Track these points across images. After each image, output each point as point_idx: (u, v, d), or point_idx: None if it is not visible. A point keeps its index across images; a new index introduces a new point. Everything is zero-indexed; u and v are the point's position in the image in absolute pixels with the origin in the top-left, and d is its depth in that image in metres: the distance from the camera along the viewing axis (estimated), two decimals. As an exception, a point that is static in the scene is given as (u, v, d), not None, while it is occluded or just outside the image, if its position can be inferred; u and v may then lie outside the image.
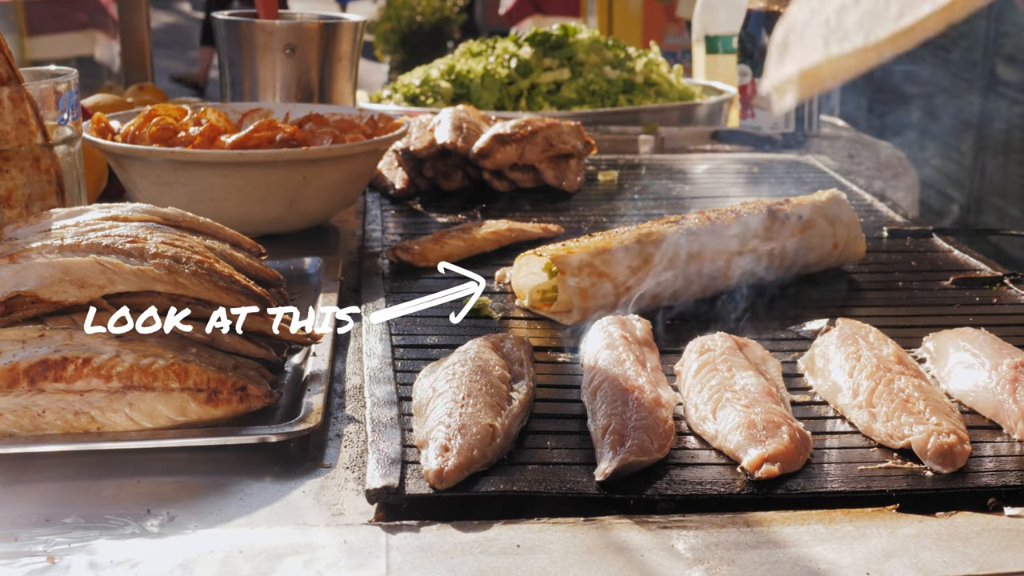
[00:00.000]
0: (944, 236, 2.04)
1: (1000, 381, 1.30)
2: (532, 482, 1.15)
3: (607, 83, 3.20)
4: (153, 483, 1.19)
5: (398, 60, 10.50)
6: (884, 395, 1.28)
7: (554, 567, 1.03)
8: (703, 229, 1.70)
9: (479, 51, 3.32)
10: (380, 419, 1.27)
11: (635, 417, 1.22)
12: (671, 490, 1.14)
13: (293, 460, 1.24)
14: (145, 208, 1.48)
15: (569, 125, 2.48)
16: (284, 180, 1.93)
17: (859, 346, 1.38)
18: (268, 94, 2.47)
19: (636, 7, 7.25)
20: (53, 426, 1.22)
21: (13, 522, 1.10)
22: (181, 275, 1.32)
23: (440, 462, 1.14)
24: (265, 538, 1.08)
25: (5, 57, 1.63)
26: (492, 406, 1.24)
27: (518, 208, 2.25)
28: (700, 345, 1.40)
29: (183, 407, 1.24)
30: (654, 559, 1.04)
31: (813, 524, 1.09)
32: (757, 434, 1.19)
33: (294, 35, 2.45)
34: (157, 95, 2.89)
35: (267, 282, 1.48)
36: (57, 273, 1.28)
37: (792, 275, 1.79)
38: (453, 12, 10.88)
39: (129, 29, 3.60)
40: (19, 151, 1.66)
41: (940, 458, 1.17)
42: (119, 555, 1.04)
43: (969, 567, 1.02)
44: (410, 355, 1.48)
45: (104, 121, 2.01)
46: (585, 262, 1.61)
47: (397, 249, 1.86)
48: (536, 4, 8.81)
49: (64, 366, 1.22)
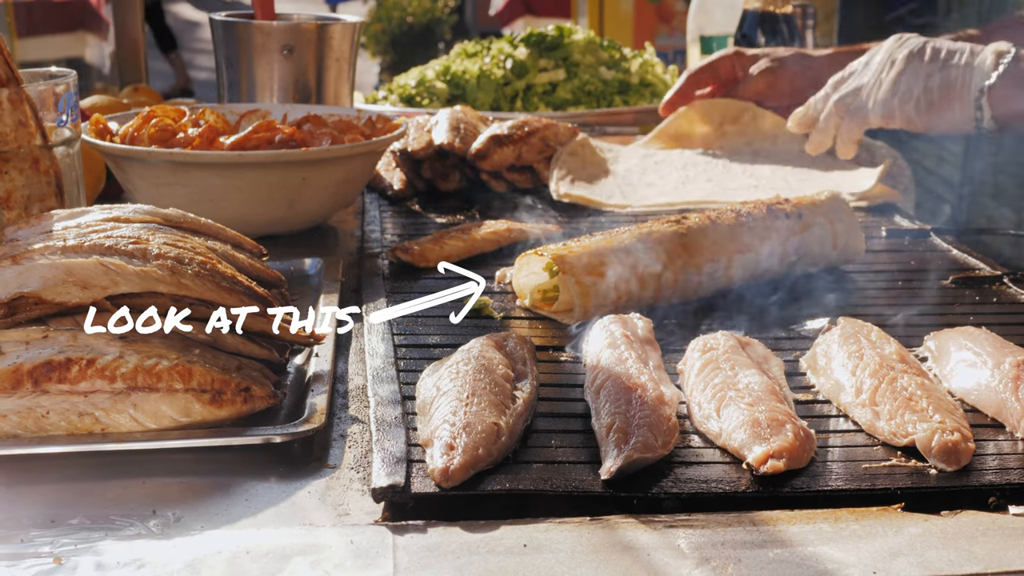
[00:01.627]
0: (942, 236, 2.05)
1: (1002, 379, 1.31)
2: (537, 480, 1.15)
3: (602, 84, 3.20)
4: (158, 484, 1.19)
5: (389, 61, 10.51)
6: (887, 393, 1.28)
7: (561, 566, 1.03)
8: (704, 228, 1.71)
9: (474, 52, 3.32)
10: (384, 418, 1.27)
11: (639, 415, 1.22)
12: (676, 488, 1.14)
13: (297, 460, 1.24)
14: (146, 209, 1.48)
15: (566, 126, 2.48)
16: (283, 181, 1.93)
17: (861, 345, 1.39)
18: (266, 95, 2.47)
19: (627, 8, 7.26)
20: (57, 427, 1.22)
21: (19, 523, 1.10)
22: (184, 276, 1.32)
23: (446, 460, 1.14)
24: (271, 538, 1.08)
25: (4, 59, 1.62)
26: (496, 405, 1.24)
27: (516, 208, 2.25)
28: (703, 344, 1.41)
29: (187, 408, 1.24)
30: (661, 558, 1.04)
31: (819, 523, 1.09)
32: (761, 432, 1.19)
33: (291, 36, 2.45)
34: (152, 96, 2.89)
35: (269, 283, 1.48)
36: (60, 274, 1.27)
37: (792, 274, 1.79)
38: (444, 13, 10.89)
39: (123, 30, 3.60)
40: (18, 152, 1.66)
41: (944, 456, 1.18)
42: (125, 556, 1.04)
43: (975, 566, 1.03)
44: (412, 355, 1.49)
45: (103, 122, 2.01)
46: (586, 262, 1.61)
47: (397, 249, 1.86)
48: (527, 5, 8.82)
49: (68, 367, 1.22)
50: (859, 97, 2.19)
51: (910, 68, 2.12)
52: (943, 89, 2.09)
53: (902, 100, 2.13)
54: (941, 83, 2.09)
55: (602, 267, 1.62)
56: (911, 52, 2.12)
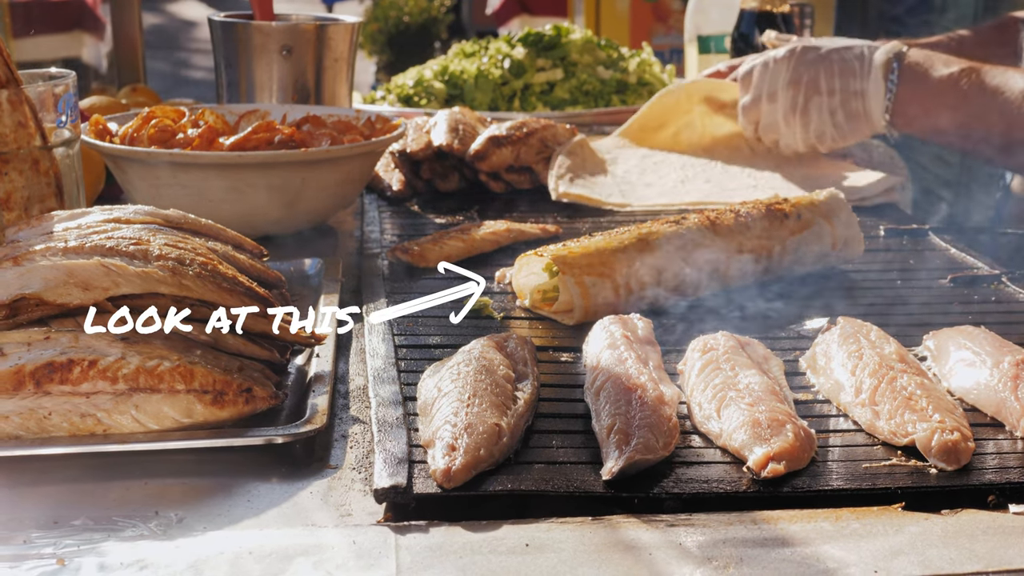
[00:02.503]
0: (940, 235, 2.05)
1: (1002, 379, 1.31)
2: (539, 481, 1.15)
3: (600, 83, 3.20)
4: (160, 485, 1.19)
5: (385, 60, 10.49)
6: (887, 393, 1.28)
7: (563, 566, 1.03)
8: (703, 228, 1.71)
9: (472, 52, 3.32)
10: (386, 419, 1.27)
11: (639, 416, 1.22)
12: (677, 488, 1.14)
13: (299, 461, 1.24)
14: (147, 210, 1.48)
15: (564, 127, 2.48)
16: (283, 181, 1.93)
17: (861, 344, 1.39)
18: (265, 95, 2.47)
19: (624, 7, 7.26)
20: (59, 428, 1.22)
21: (21, 524, 1.10)
22: (185, 277, 1.32)
23: (447, 461, 1.14)
24: (274, 539, 1.08)
25: (4, 60, 1.62)
26: (498, 406, 1.24)
27: (515, 209, 2.26)
28: (703, 344, 1.41)
29: (189, 409, 1.24)
30: (663, 557, 1.04)
31: (820, 522, 1.09)
32: (762, 432, 1.19)
33: (290, 36, 2.45)
34: (150, 96, 2.89)
35: (269, 283, 1.49)
36: (61, 275, 1.27)
37: (791, 274, 1.80)
38: (440, 12, 10.87)
39: (120, 30, 3.59)
40: (18, 153, 1.66)
41: (944, 455, 1.18)
42: (128, 557, 1.05)
43: (976, 564, 1.03)
44: (413, 355, 1.49)
45: (102, 123, 2.01)
46: (586, 262, 1.62)
47: (397, 250, 1.86)
48: (523, 4, 8.80)
49: (70, 368, 1.22)
50: (781, 134, 2.36)
51: (812, 107, 2.28)
52: (850, 122, 2.27)
53: (819, 139, 2.33)
54: (846, 116, 2.27)
55: (602, 268, 1.62)
56: (807, 81, 2.28)
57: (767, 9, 2.86)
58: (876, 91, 2.20)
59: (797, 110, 2.30)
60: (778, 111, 2.32)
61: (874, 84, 2.20)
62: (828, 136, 2.30)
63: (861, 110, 2.23)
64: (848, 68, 2.24)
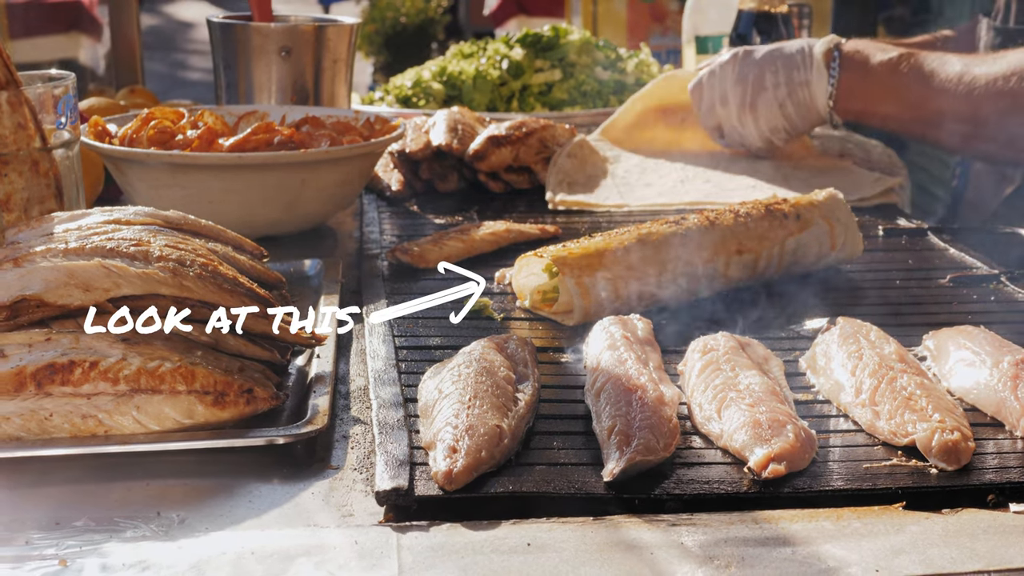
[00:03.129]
0: (939, 235, 2.06)
1: (1001, 378, 1.31)
2: (540, 483, 1.15)
3: (598, 84, 3.21)
4: (162, 485, 1.19)
5: (382, 61, 10.48)
6: (887, 393, 1.29)
7: (565, 565, 1.03)
8: (703, 229, 1.71)
9: (470, 52, 3.32)
10: (387, 421, 1.27)
11: (640, 417, 1.22)
12: (679, 489, 1.14)
13: (300, 462, 1.24)
14: (147, 211, 1.48)
15: (564, 127, 2.49)
16: (282, 182, 1.93)
17: (860, 344, 1.39)
18: (264, 96, 2.47)
19: (621, 7, 7.26)
20: (60, 429, 1.22)
21: (23, 525, 1.10)
22: (186, 278, 1.32)
23: (449, 463, 1.14)
24: (276, 539, 1.08)
25: (3, 61, 1.62)
26: (498, 407, 1.24)
27: (514, 209, 2.26)
28: (703, 345, 1.41)
29: (190, 409, 1.24)
30: (664, 556, 1.04)
31: (821, 522, 1.10)
32: (762, 433, 1.19)
33: (289, 38, 2.45)
34: (149, 98, 2.89)
35: (270, 284, 1.49)
36: (62, 277, 1.28)
37: (791, 274, 1.80)
38: (437, 13, 10.87)
39: (118, 31, 3.59)
40: (18, 155, 1.66)
41: (944, 455, 1.18)
42: (131, 557, 1.05)
43: (977, 563, 1.03)
44: (414, 356, 1.49)
45: (101, 124, 2.01)
46: (585, 263, 1.62)
47: (396, 250, 1.87)
48: (520, 5, 8.80)
49: (71, 369, 1.22)
50: (740, 134, 2.43)
51: (761, 102, 2.36)
52: (800, 112, 2.34)
53: (772, 132, 2.39)
54: (795, 107, 2.33)
55: (602, 268, 1.62)
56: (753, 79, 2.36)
57: (765, 9, 2.86)
58: (819, 79, 2.28)
59: (747, 107, 2.36)
60: (732, 112, 2.39)
61: (817, 73, 2.28)
62: (781, 128, 2.37)
63: (808, 99, 2.31)
64: (791, 62, 2.31)
